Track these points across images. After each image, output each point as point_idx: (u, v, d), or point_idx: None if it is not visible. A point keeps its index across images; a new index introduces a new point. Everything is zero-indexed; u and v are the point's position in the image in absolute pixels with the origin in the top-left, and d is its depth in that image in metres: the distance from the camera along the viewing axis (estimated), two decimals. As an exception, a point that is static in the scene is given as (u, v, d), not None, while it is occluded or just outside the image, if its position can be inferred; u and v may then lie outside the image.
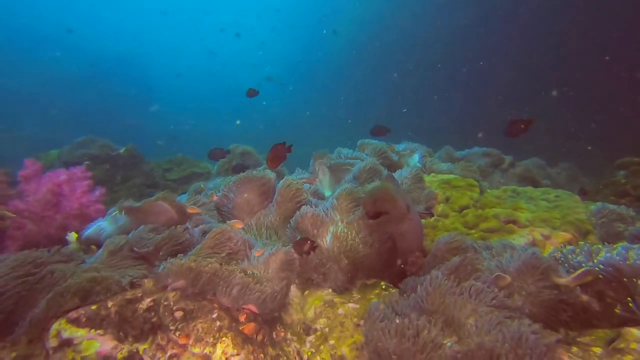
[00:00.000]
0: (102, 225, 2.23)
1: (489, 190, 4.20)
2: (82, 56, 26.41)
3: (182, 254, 1.67)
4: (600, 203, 3.18)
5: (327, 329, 1.77)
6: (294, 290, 2.23)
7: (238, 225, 2.25)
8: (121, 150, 7.55)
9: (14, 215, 2.28)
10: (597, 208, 3.07)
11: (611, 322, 1.48)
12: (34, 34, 25.77)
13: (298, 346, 1.69)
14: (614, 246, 1.77)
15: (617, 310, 1.40)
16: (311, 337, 1.76)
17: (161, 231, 2.03)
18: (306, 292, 2.20)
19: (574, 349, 1.33)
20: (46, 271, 1.50)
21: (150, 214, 2.28)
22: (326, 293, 2.08)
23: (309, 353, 1.66)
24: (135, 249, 1.81)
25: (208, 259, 1.63)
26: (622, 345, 1.25)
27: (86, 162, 7.09)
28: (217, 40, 29.01)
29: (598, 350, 1.29)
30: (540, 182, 5.21)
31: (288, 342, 1.68)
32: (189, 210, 2.28)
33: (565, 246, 2.08)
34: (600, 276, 1.50)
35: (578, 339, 1.40)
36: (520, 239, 2.58)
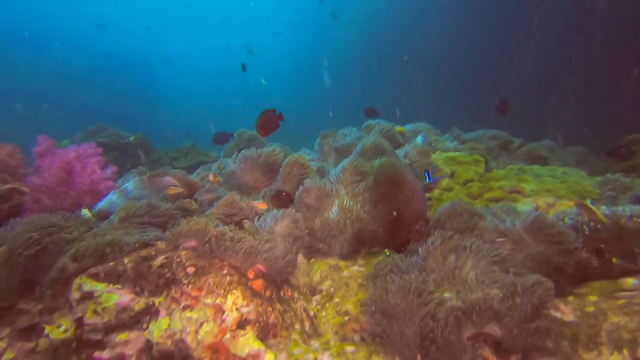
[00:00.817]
0: (113, 199, 2.31)
1: (495, 170, 4.21)
2: (95, 51, 26.70)
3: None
4: (610, 175, 3.18)
5: (332, 289, 1.84)
6: (300, 258, 2.30)
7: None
8: (131, 138, 7.69)
9: (29, 191, 2.37)
10: (605, 179, 3.08)
11: (609, 276, 1.52)
12: (48, 32, 26.15)
13: (305, 304, 1.77)
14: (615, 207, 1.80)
15: (614, 261, 1.44)
16: (317, 297, 1.83)
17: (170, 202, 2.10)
18: (312, 260, 2.28)
19: (570, 298, 1.38)
20: (62, 234, 1.58)
21: (158, 188, 2.36)
22: (332, 259, 2.14)
23: (315, 310, 1.73)
24: (146, 218, 1.89)
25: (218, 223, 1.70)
26: (616, 292, 1.29)
27: (98, 150, 7.27)
28: (229, 35, 28.92)
29: (594, 298, 1.33)
30: (548, 159, 5.19)
31: (295, 300, 1.76)
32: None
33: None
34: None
35: (575, 291, 1.44)
36: (524, 206, 2.60)
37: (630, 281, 1.33)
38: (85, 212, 2.43)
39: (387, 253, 2.30)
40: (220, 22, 26.23)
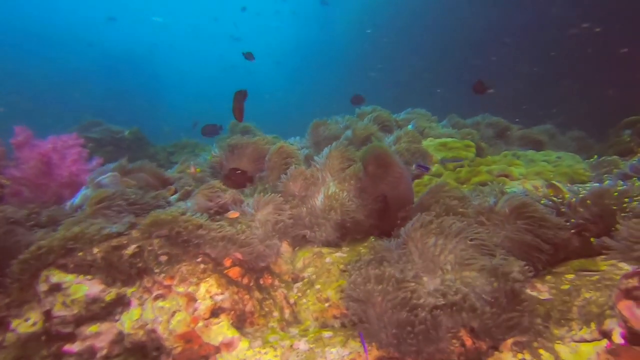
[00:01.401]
0: (87, 193, 2.25)
1: (489, 157, 4.16)
2: (98, 47, 26.71)
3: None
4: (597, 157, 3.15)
5: (314, 276, 1.81)
6: (285, 246, 2.27)
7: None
8: (126, 133, 7.62)
9: (9, 183, 2.32)
10: (598, 161, 3.06)
11: (589, 255, 1.50)
12: (51, 28, 26.27)
13: (285, 291, 1.74)
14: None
15: (592, 240, 1.41)
16: (299, 284, 1.80)
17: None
18: (297, 248, 2.25)
19: (548, 277, 1.36)
20: (24, 228, 1.54)
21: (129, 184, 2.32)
22: (316, 247, 2.12)
23: (296, 297, 1.71)
24: (119, 207, 1.83)
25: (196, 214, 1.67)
26: (592, 268, 1.27)
27: (90, 145, 7.23)
28: (231, 28, 28.69)
29: (570, 276, 1.31)
30: (544, 143, 5.15)
31: (275, 287, 1.73)
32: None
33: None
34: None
35: (554, 270, 1.42)
36: (511, 190, 2.57)
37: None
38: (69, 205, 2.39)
39: (373, 239, 2.28)
40: (214, 20, 26.05)
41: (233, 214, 1.98)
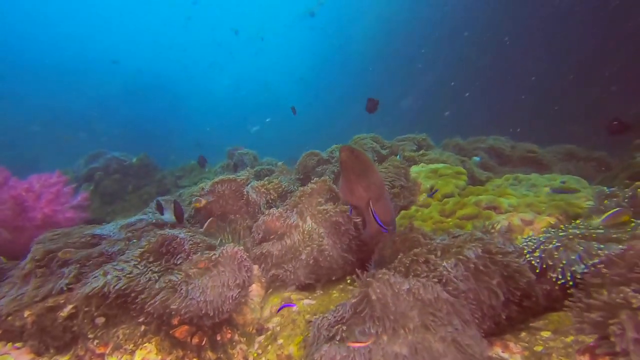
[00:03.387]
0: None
1: (494, 179, 4.01)
2: (123, 77, 27.69)
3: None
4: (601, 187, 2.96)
5: (278, 328, 1.67)
6: (257, 289, 2.15)
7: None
8: (133, 160, 7.73)
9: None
10: (601, 192, 2.88)
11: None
12: (83, 60, 27.50)
13: (245, 347, 1.60)
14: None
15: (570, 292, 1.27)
16: (261, 337, 1.66)
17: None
18: (270, 290, 2.13)
19: (523, 334, 1.21)
20: None
21: None
22: (286, 292, 1.99)
23: (255, 355, 1.56)
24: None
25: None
26: (567, 326, 1.13)
27: (98, 174, 7.30)
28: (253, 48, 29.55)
29: (547, 334, 1.16)
30: (543, 161, 4.98)
31: (234, 344, 1.59)
32: None
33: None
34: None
35: (531, 324, 1.27)
36: (496, 225, 2.42)
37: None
38: None
39: (348, 281, 2.14)
40: (235, 33, 26.88)
41: (202, 264, 1.86)
